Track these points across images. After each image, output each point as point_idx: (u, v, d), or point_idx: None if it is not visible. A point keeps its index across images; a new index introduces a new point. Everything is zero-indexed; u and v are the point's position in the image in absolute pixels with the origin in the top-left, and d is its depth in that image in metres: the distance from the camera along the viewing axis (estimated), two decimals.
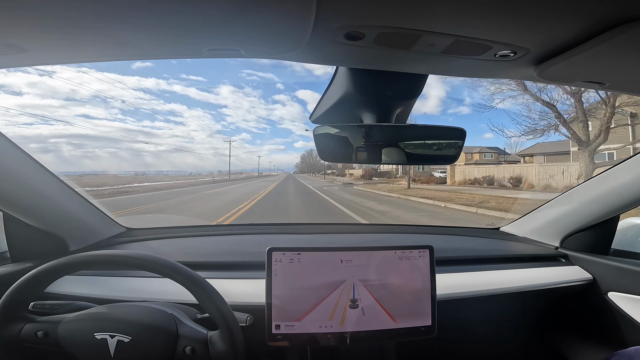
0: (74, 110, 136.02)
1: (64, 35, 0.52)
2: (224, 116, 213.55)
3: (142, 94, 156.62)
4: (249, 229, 1.53)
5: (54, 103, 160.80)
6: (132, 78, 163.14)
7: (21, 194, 0.93)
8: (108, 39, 0.54)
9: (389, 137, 0.83)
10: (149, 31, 0.52)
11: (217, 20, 0.49)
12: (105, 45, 0.57)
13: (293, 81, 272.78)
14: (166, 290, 0.94)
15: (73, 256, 0.75)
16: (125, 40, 0.55)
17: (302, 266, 0.90)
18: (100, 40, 0.55)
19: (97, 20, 0.48)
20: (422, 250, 0.95)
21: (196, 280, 0.74)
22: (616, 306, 1.12)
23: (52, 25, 0.49)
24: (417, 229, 1.72)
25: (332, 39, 0.55)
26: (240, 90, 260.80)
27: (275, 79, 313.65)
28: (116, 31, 0.52)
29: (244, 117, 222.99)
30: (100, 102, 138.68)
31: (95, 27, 0.50)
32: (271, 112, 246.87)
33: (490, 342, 1.29)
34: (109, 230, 1.30)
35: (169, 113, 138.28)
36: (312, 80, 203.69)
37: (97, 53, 0.61)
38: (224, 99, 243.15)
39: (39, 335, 0.75)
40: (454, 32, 0.53)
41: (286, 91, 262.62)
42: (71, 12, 0.45)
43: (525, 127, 10.24)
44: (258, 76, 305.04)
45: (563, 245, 1.33)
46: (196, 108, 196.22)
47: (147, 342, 0.73)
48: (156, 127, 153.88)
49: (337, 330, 0.89)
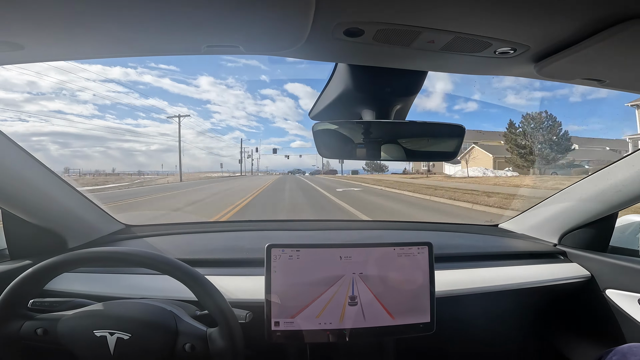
0: (46, 106, 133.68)
1: (62, 32, 0.52)
2: (211, 113, 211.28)
3: (115, 86, 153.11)
4: (248, 226, 1.53)
5: (17, 97, 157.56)
6: (95, 66, 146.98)
7: (20, 191, 0.93)
8: (106, 36, 0.54)
9: (388, 133, 0.83)
10: (147, 28, 0.52)
11: (215, 16, 0.49)
12: (103, 42, 0.57)
13: (281, 70, 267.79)
14: (165, 287, 0.94)
15: (72, 253, 0.75)
16: (124, 37, 0.55)
17: (302, 263, 0.90)
18: (99, 37, 0.54)
19: (96, 17, 0.48)
20: (421, 247, 0.95)
21: (195, 277, 0.74)
22: (614, 303, 1.13)
23: (49, 22, 0.49)
24: (416, 225, 1.73)
25: (332, 35, 0.55)
26: (222, 81, 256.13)
27: (261, 66, 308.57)
28: (115, 28, 0.51)
29: (233, 114, 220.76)
30: (70, 97, 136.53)
31: (94, 24, 0.50)
32: (261, 107, 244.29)
33: (488, 338, 1.30)
34: (107, 227, 1.30)
35: (151, 109, 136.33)
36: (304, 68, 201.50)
37: (95, 50, 0.61)
38: (206, 93, 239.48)
39: (38, 332, 0.75)
40: (454, 28, 0.53)
41: (274, 85, 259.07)
42: (69, 9, 0.45)
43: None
44: (242, 64, 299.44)
45: (561, 242, 1.33)
46: (178, 104, 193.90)
47: (147, 339, 0.73)
48: (141, 125, 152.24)
49: (336, 327, 0.89)
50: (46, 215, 1.03)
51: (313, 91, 23.57)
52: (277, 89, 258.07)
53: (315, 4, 0.45)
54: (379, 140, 0.83)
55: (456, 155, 0.85)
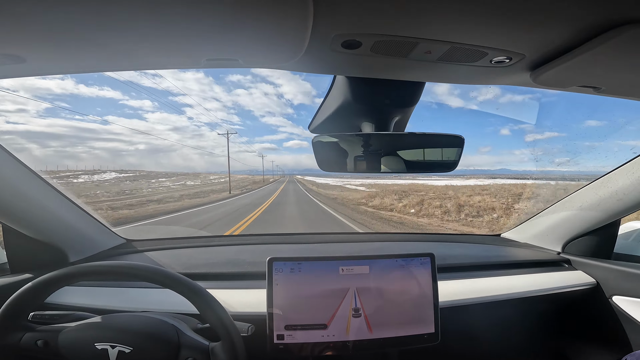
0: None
1: (64, 46, 0.53)
2: (180, 105, 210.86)
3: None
4: (249, 239, 1.52)
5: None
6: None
7: (20, 206, 0.93)
8: (108, 50, 0.55)
9: (388, 145, 0.84)
10: (148, 42, 0.53)
11: (215, 31, 0.50)
12: (104, 56, 0.58)
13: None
14: (166, 300, 0.93)
15: (72, 267, 0.74)
16: (125, 51, 0.56)
17: (303, 276, 0.89)
18: (100, 51, 0.55)
19: (97, 32, 0.49)
20: (423, 258, 0.94)
21: (197, 291, 0.74)
22: (621, 310, 1.11)
23: (51, 36, 0.49)
24: (417, 236, 1.72)
25: (329, 47, 0.56)
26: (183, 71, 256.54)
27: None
28: (116, 42, 0.52)
29: (205, 106, 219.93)
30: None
31: (95, 38, 0.51)
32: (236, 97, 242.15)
33: (494, 348, 1.28)
34: (108, 242, 1.30)
35: (110, 103, 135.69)
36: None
37: (96, 63, 0.62)
38: (165, 81, 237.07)
39: (39, 344, 0.74)
40: (450, 39, 0.54)
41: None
42: (71, 23, 0.46)
43: None
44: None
45: (565, 250, 1.33)
46: (142, 98, 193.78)
47: (148, 352, 0.72)
48: (109, 122, 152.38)
49: (339, 339, 0.88)
50: (47, 229, 1.03)
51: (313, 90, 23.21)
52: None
53: (313, 17, 0.46)
54: (379, 152, 0.83)
55: (456, 166, 0.85)
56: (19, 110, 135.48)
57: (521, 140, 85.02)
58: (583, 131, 70.94)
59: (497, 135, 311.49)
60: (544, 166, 24.76)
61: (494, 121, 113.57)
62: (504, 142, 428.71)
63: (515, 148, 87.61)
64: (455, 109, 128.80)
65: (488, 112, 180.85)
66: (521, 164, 41.94)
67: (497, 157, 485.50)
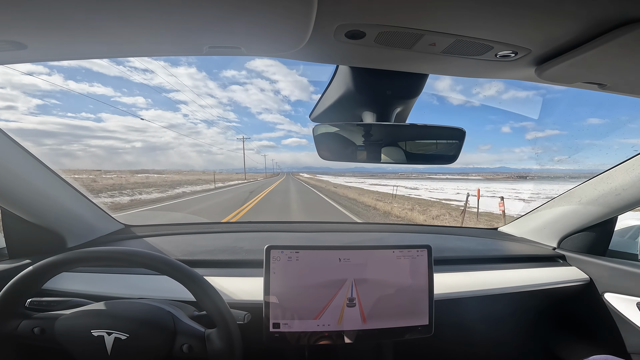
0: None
1: (65, 32, 0.52)
2: (175, 103, 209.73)
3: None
4: (248, 227, 1.53)
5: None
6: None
7: (19, 190, 0.93)
8: (109, 36, 0.54)
9: (389, 136, 0.83)
10: (150, 29, 0.52)
11: (218, 18, 0.49)
12: (106, 42, 0.57)
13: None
14: (164, 287, 0.93)
15: (71, 253, 0.74)
16: (127, 38, 0.55)
17: (301, 264, 0.89)
18: (102, 37, 0.54)
19: (98, 17, 0.48)
20: (420, 250, 0.95)
21: (194, 278, 0.74)
22: (612, 307, 1.13)
23: (52, 22, 0.49)
24: (415, 228, 1.73)
25: (333, 37, 0.55)
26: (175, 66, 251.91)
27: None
28: (117, 28, 0.51)
29: (201, 103, 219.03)
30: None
31: (97, 24, 0.50)
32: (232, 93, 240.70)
33: (487, 341, 1.30)
34: (107, 227, 1.30)
35: (104, 99, 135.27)
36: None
37: (97, 50, 0.61)
38: (157, 77, 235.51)
39: (35, 331, 0.75)
40: (455, 32, 0.53)
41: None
42: (72, 9, 0.45)
43: None
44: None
45: (561, 246, 1.34)
46: (135, 94, 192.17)
47: (145, 339, 0.73)
48: (102, 120, 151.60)
49: (334, 329, 0.89)
50: (45, 214, 1.03)
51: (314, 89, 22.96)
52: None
53: (317, 6, 0.45)
54: (380, 143, 0.83)
55: (456, 158, 0.84)
56: (7, 107, 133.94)
57: (522, 138, 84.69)
58: (585, 129, 70.30)
59: (498, 133, 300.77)
60: (543, 164, 24.72)
61: (495, 119, 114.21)
62: (504, 140, 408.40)
63: (515, 146, 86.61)
64: (456, 106, 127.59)
65: (490, 107, 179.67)
66: (521, 162, 41.70)
67: (497, 155, 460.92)
